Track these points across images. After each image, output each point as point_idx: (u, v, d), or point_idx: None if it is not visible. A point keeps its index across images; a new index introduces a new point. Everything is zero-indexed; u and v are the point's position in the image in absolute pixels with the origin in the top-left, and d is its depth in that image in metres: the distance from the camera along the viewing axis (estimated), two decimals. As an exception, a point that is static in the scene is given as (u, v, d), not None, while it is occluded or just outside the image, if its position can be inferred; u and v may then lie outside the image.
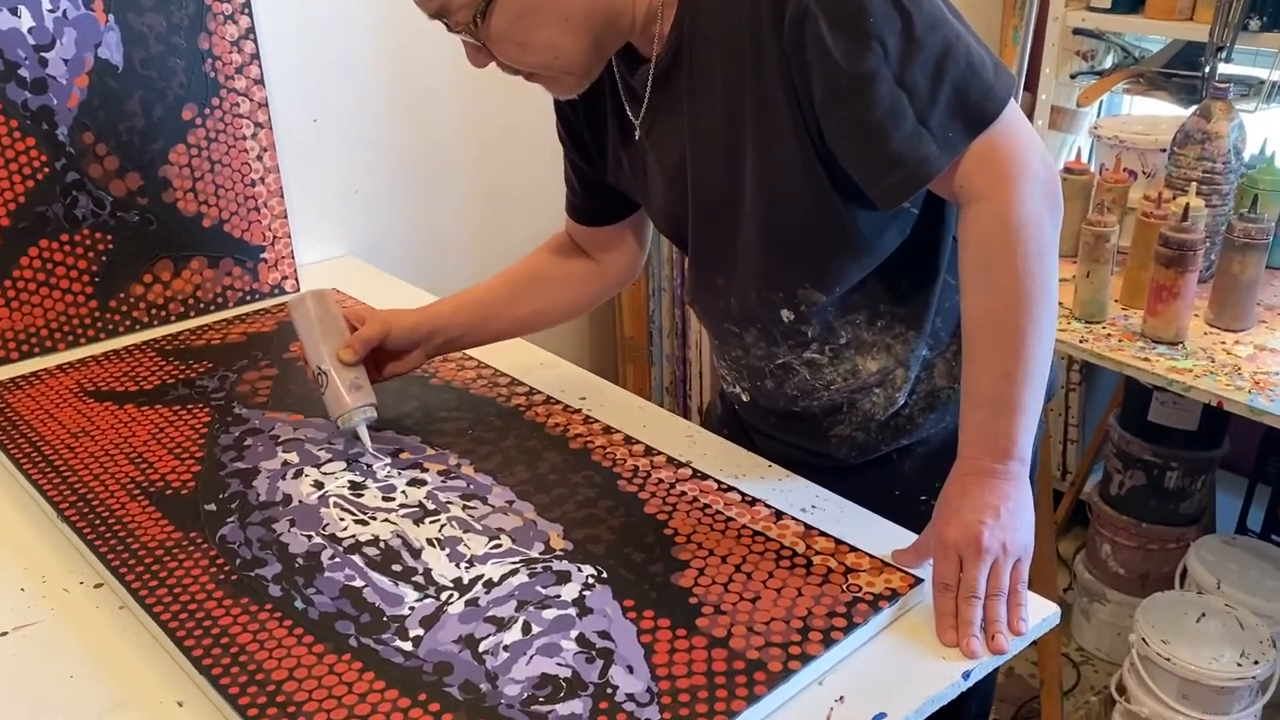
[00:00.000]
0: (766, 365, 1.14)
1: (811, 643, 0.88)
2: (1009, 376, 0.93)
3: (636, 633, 0.90)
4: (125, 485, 1.12)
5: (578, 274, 1.30)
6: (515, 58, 0.99)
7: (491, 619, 0.92)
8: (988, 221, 0.92)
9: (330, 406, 1.16)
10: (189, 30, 1.49)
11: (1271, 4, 1.80)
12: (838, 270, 1.04)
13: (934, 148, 0.90)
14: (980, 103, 0.90)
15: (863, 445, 1.16)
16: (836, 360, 1.10)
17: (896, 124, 0.90)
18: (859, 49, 0.88)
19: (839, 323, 1.09)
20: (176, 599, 0.95)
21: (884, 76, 0.88)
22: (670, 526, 1.04)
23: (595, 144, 1.17)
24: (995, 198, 0.91)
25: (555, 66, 1.00)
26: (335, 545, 1.02)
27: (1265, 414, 1.40)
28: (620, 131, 1.12)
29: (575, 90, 1.04)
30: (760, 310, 1.09)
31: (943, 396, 1.13)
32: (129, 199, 1.49)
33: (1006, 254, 0.91)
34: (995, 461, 0.94)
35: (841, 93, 0.90)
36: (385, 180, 1.87)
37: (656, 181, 1.11)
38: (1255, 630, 1.71)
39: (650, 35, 1.01)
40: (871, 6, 0.87)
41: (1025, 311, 0.92)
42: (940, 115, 0.90)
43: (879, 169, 0.92)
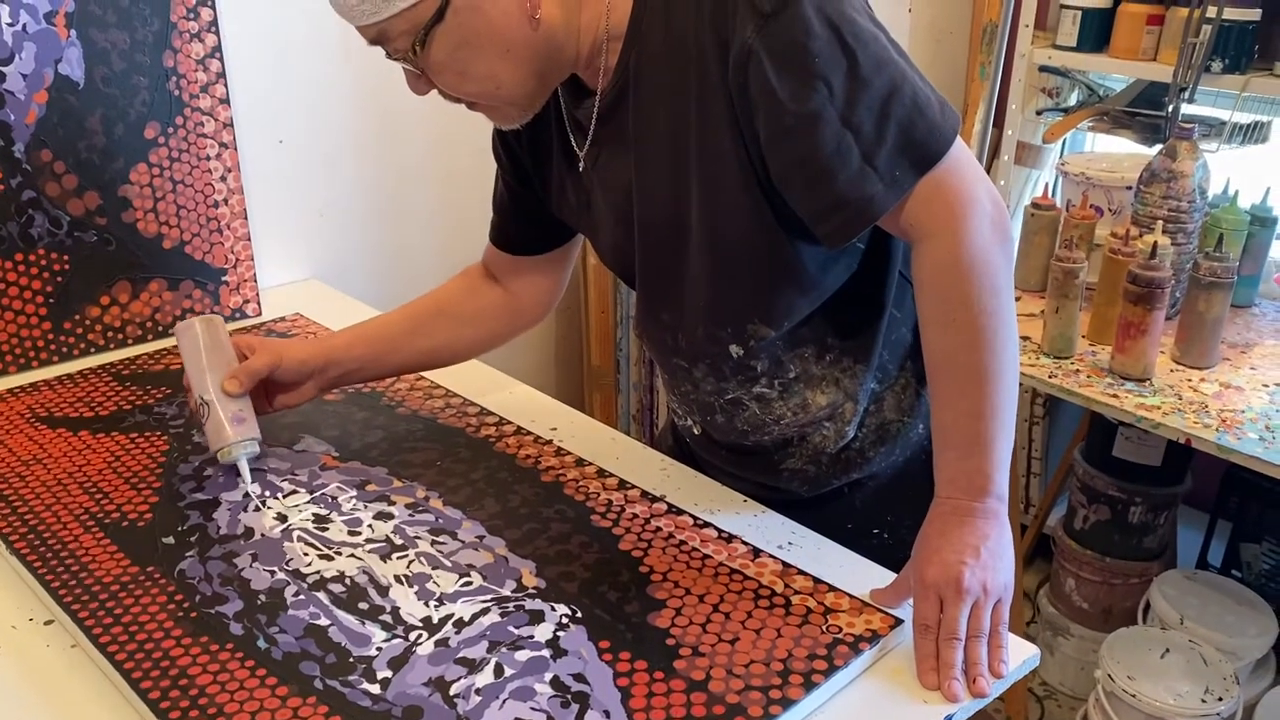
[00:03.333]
0: (716, 400, 1.12)
1: (792, 686, 0.86)
2: (977, 414, 0.92)
3: (613, 675, 0.87)
4: (79, 516, 1.08)
5: (488, 309, 1.26)
6: (455, 86, 0.96)
7: (462, 660, 0.89)
8: (940, 259, 0.91)
9: (211, 438, 1.13)
10: (153, 47, 1.46)
11: (1233, 46, 1.84)
12: (786, 306, 1.03)
13: (880, 187, 0.89)
14: (926, 141, 0.89)
15: (814, 479, 1.15)
16: (786, 394, 1.09)
17: (843, 164, 0.89)
18: (804, 89, 0.87)
19: (787, 357, 1.08)
20: (132, 638, 0.91)
21: (829, 117, 0.87)
22: (646, 564, 1.01)
23: (537, 171, 1.14)
24: (945, 235, 0.91)
25: (497, 97, 0.97)
26: (299, 581, 0.99)
27: (1233, 452, 1.41)
28: (566, 161, 1.10)
29: (518, 121, 1.02)
30: (708, 345, 1.08)
31: (893, 430, 1.13)
32: (87, 218, 1.45)
33: (961, 291, 0.91)
34: (973, 500, 0.93)
35: (787, 133, 0.89)
36: (350, 203, 1.84)
37: (602, 215, 1.09)
38: (1219, 667, 1.71)
39: (595, 68, 0.99)
40: (816, 47, 0.86)
41: (986, 347, 0.91)
42: (886, 154, 0.89)
43: (825, 208, 0.91)
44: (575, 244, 1.25)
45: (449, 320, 1.24)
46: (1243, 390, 1.55)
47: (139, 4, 1.43)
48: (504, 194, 1.20)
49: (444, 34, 0.91)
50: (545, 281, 1.25)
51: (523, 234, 1.22)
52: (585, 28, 0.96)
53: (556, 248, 1.23)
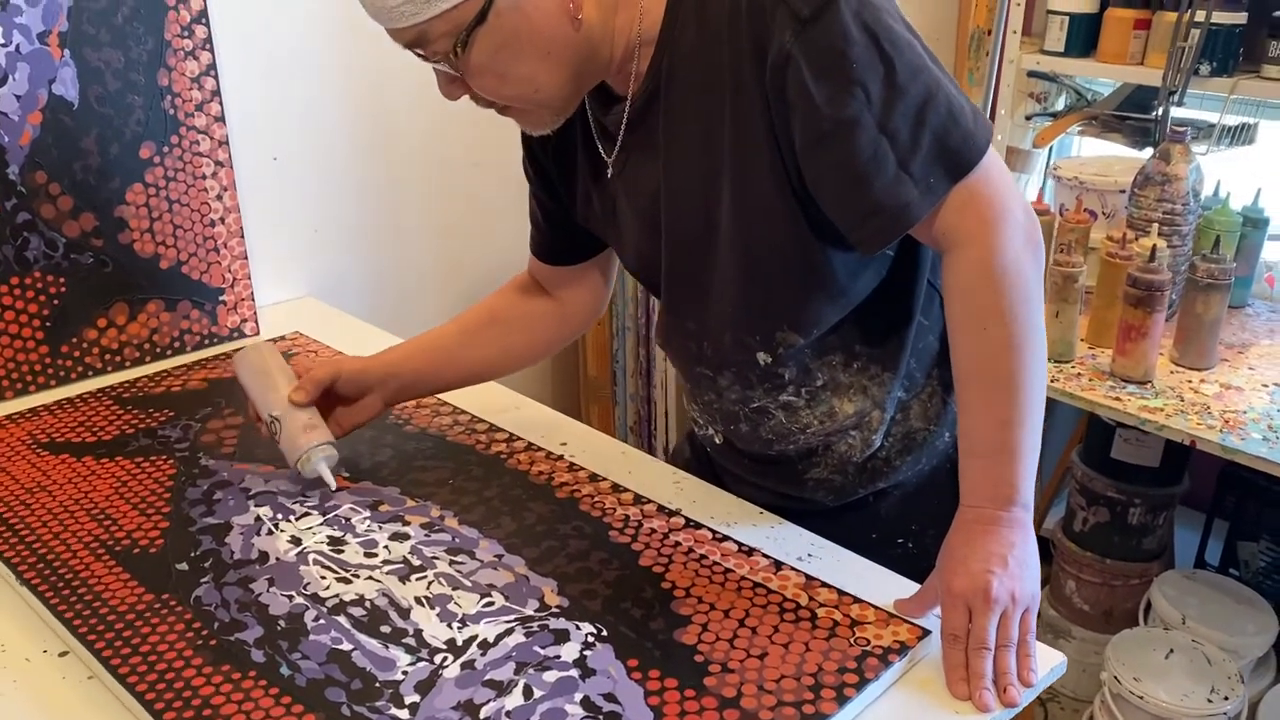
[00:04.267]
0: (741, 409, 1.11)
1: (825, 700, 0.86)
2: (1005, 422, 0.92)
3: (644, 694, 0.86)
4: (88, 544, 1.06)
5: (539, 315, 1.26)
6: (493, 90, 0.95)
7: (490, 683, 0.88)
8: (972, 268, 0.91)
9: (287, 453, 1.14)
10: (148, 66, 1.44)
11: (1220, 50, 1.85)
12: (815, 313, 1.03)
13: (915, 194, 0.89)
14: (961, 149, 0.90)
15: (839, 488, 1.14)
16: (813, 403, 1.09)
17: (879, 170, 0.89)
18: (841, 95, 0.87)
19: (815, 365, 1.07)
20: (152, 667, 0.89)
21: (866, 123, 0.88)
22: (668, 579, 1.01)
23: (563, 180, 1.14)
24: (978, 244, 0.91)
25: (533, 100, 0.96)
26: (318, 605, 0.97)
27: (1238, 453, 1.42)
28: (591, 170, 1.09)
29: (550, 125, 1.01)
30: (735, 353, 1.07)
31: (919, 438, 1.12)
32: (83, 240, 1.43)
33: (992, 300, 0.91)
34: (998, 509, 0.93)
35: (823, 138, 0.89)
36: (345, 219, 1.83)
37: (628, 222, 1.09)
38: (1223, 666, 1.72)
39: (626, 73, 0.99)
40: (854, 53, 0.86)
41: (1015, 356, 0.91)
42: (921, 161, 0.89)
43: (860, 214, 0.92)
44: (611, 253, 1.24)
45: (501, 329, 1.25)
46: (1243, 390, 1.56)
47: (133, 22, 1.42)
48: (535, 208, 1.21)
49: (486, 35, 0.90)
50: (589, 287, 1.25)
51: (559, 244, 1.21)
52: (619, 31, 0.96)
53: (593, 256, 1.22)
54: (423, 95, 1.86)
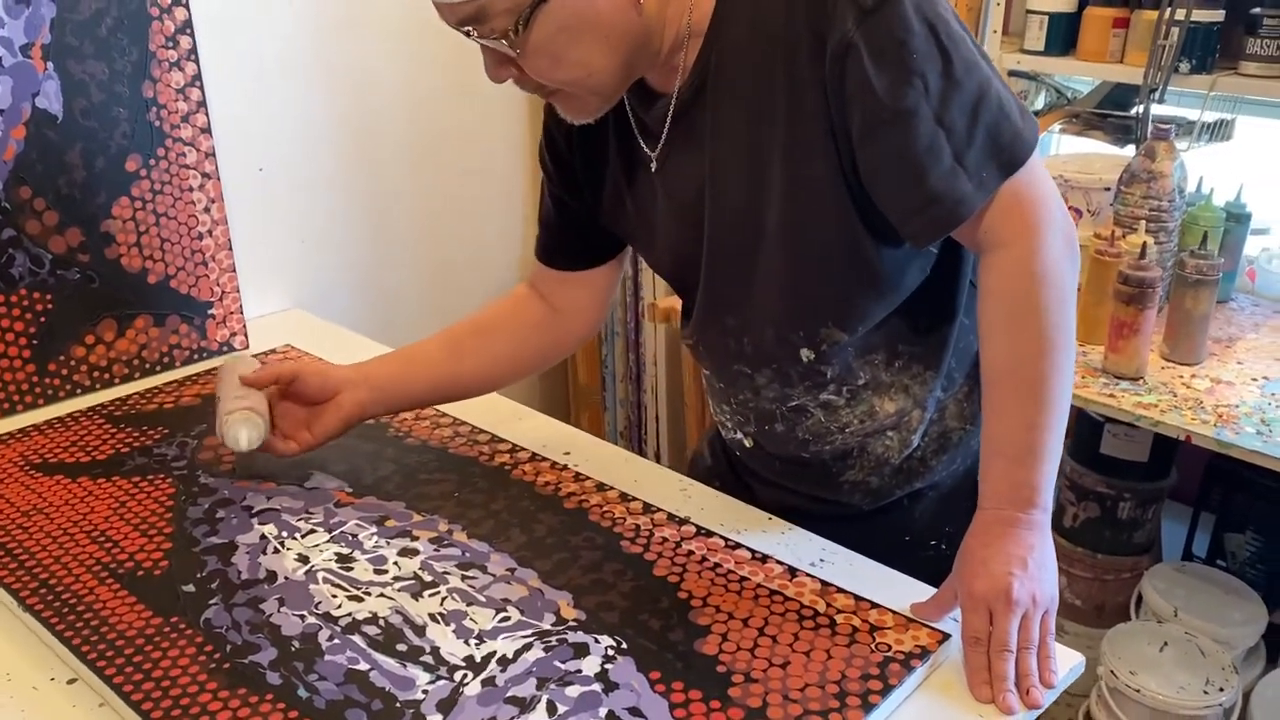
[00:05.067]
0: (779, 408, 1.10)
1: (851, 708, 0.85)
2: (1032, 425, 0.92)
3: (669, 707, 0.86)
4: (90, 568, 1.04)
5: (530, 325, 1.21)
6: (546, 72, 0.92)
7: (513, 700, 0.87)
8: (1012, 270, 0.92)
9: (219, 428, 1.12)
10: (132, 78, 1.42)
11: (1199, 47, 1.87)
12: (861, 309, 1.02)
13: (969, 187, 0.90)
14: (1012, 146, 0.91)
15: (876, 490, 1.13)
16: (854, 401, 1.08)
17: (935, 161, 0.89)
18: (901, 84, 0.87)
19: (858, 363, 1.06)
20: (166, 693, 0.87)
21: (924, 114, 0.88)
22: (684, 589, 1.00)
23: (589, 179, 1.12)
24: (1020, 245, 0.91)
25: (585, 85, 0.94)
26: (332, 625, 0.96)
27: (1233, 447, 1.43)
28: (626, 166, 1.07)
29: (595, 113, 0.98)
30: (777, 350, 1.06)
31: (954, 438, 1.12)
32: (69, 256, 1.40)
33: (1031, 303, 0.91)
34: (1019, 511, 0.93)
35: (882, 127, 0.89)
36: (332, 230, 1.81)
37: (665, 218, 1.07)
38: (1216, 657, 1.74)
39: (670, 67, 0.98)
40: (914, 43, 0.87)
41: (1049, 360, 0.92)
42: (975, 155, 0.89)
43: (915, 205, 0.91)
44: (622, 258, 1.22)
45: (487, 339, 1.20)
46: (1234, 385, 1.58)
47: (117, 34, 1.39)
48: (550, 208, 1.17)
49: (548, 15, 0.88)
50: (592, 297, 1.21)
51: (570, 248, 1.19)
52: (670, 22, 0.95)
53: (605, 262, 1.19)
54: (410, 104, 1.85)
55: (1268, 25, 1.80)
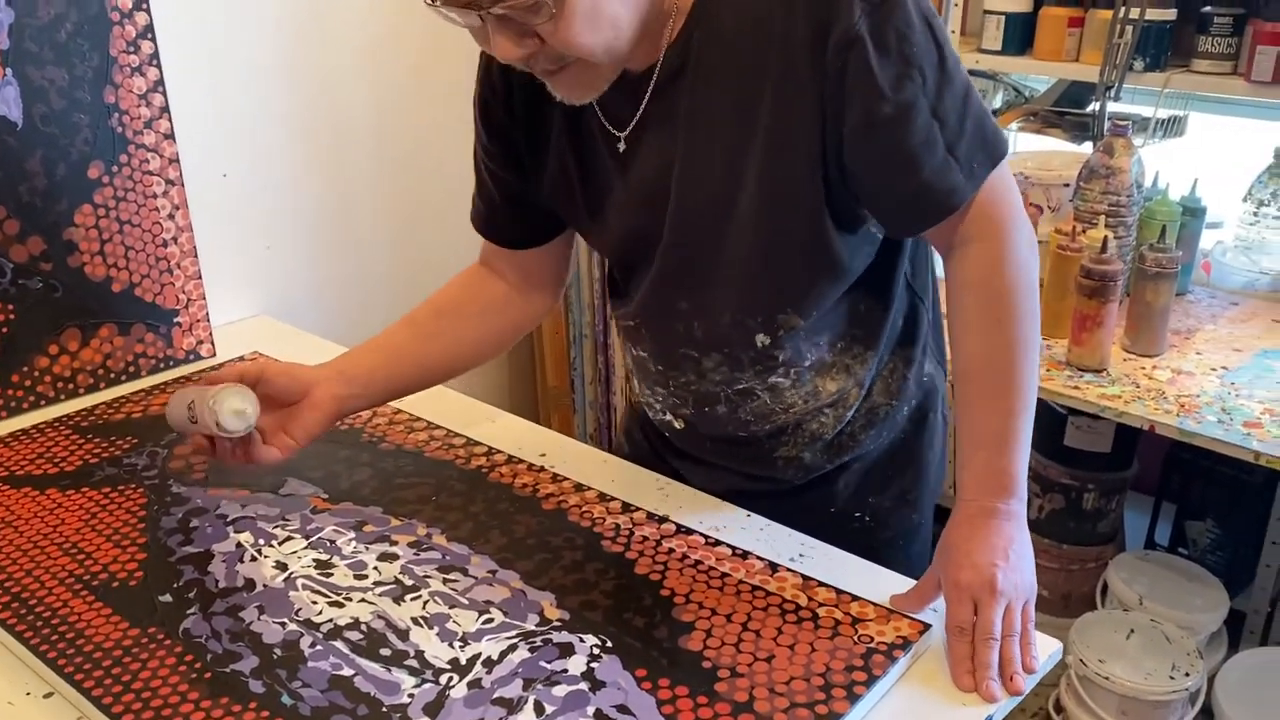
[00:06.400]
0: (724, 390, 1.10)
1: (836, 700, 0.86)
2: (1009, 414, 0.95)
3: (656, 704, 0.86)
4: (64, 580, 1.02)
5: (494, 302, 1.18)
6: (580, 36, 0.86)
7: (500, 701, 0.87)
8: (987, 264, 0.94)
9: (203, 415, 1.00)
10: (93, 83, 1.40)
11: (1153, 45, 1.91)
12: (818, 295, 1.03)
13: (960, 178, 0.92)
14: (995, 140, 0.93)
15: (808, 465, 1.15)
16: (798, 383, 1.09)
17: (930, 153, 0.91)
18: (902, 78, 0.89)
19: (806, 346, 1.07)
20: (146, 704, 0.86)
21: (921, 106, 0.89)
22: (666, 586, 1.00)
23: (532, 157, 1.09)
24: (995, 240, 0.93)
25: (610, 50, 0.89)
26: (313, 632, 0.95)
27: (1196, 435, 1.46)
28: (578, 144, 1.05)
29: (601, 89, 0.94)
30: (732, 334, 1.06)
31: (881, 413, 1.14)
32: (31, 265, 1.38)
33: (1006, 297, 0.94)
34: (998, 501, 0.95)
35: (882, 120, 0.90)
36: (297, 235, 1.79)
37: (622, 198, 1.05)
38: (1181, 643, 1.77)
39: (652, 42, 0.95)
40: (915, 37, 0.89)
41: (1022, 350, 0.94)
42: (965, 148, 0.91)
43: (907, 196, 0.93)
44: (571, 233, 1.19)
45: (452, 319, 1.17)
46: (1194, 375, 1.61)
47: (77, 39, 1.37)
48: (491, 188, 1.14)
49: None
50: (545, 269, 1.19)
51: (519, 226, 1.15)
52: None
53: (554, 237, 1.16)
54: (375, 108, 1.84)
55: (1217, 24, 1.84)
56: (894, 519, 1.19)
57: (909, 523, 1.21)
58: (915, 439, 1.18)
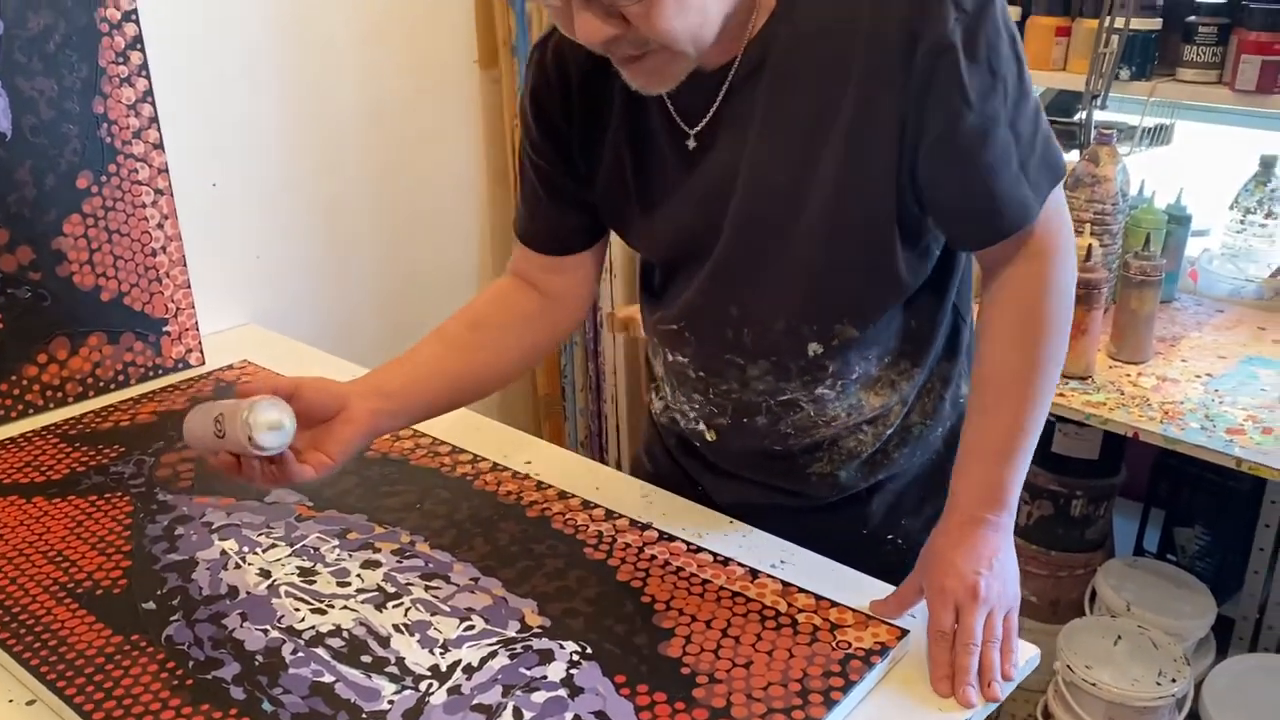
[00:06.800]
0: (767, 400, 1.08)
1: (813, 705, 0.87)
2: (1018, 430, 0.96)
3: (634, 710, 0.87)
4: (48, 588, 1.03)
5: (527, 316, 1.14)
6: (667, 20, 0.84)
7: (479, 707, 0.87)
8: (1031, 285, 0.95)
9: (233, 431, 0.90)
10: (82, 94, 1.41)
11: (1138, 55, 1.92)
12: (877, 306, 1.02)
13: (1030, 194, 0.91)
14: (1058, 159, 0.93)
15: (843, 483, 1.13)
16: (843, 395, 1.07)
17: (1005, 167, 0.90)
18: (989, 89, 0.88)
19: (856, 358, 1.05)
20: (128, 711, 0.87)
21: (1003, 120, 0.89)
22: (647, 593, 1.01)
23: (587, 152, 1.06)
24: (1042, 262, 0.94)
25: (696, 37, 0.87)
26: (295, 639, 0.96)
27: (1179, 442, 1.47)
28: (638, 141, 1.02)
29: (679, 78, 0.91)
30: (784, 342, 1.04)
31: (915, 432, 1.13)
32: (20, 274, 1.39)
33: (1042, 317, 0.94)
34: (989, 513, 0.96)
35: (966, 130, 0.89)
36: (286, 244, 1.80)
37: (683, 198, 1.02)
38: (1168, 649, 1.77)
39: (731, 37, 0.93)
40: (1002, 49, 0.88)
41: (1045, 372, 0.95)
42: (1035, 165, 0.91)
43: (979, 209, 0.92)
44: (606, 240, 1.16)
45: (486, 333, 1.11)
46: (1178, 382, 1.62)
47: (66, 50, 1.38)
48: (539, 187, 1.10)
49: None
50: (581, 278, 1.15)
51: (562, 228, 1.12)
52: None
53: (594, 243, 1.14)
54: (364, 118, 1.85)
55: (1202, 33, 1.86)
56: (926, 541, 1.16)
57: None
58: (949, 461, 1.11)
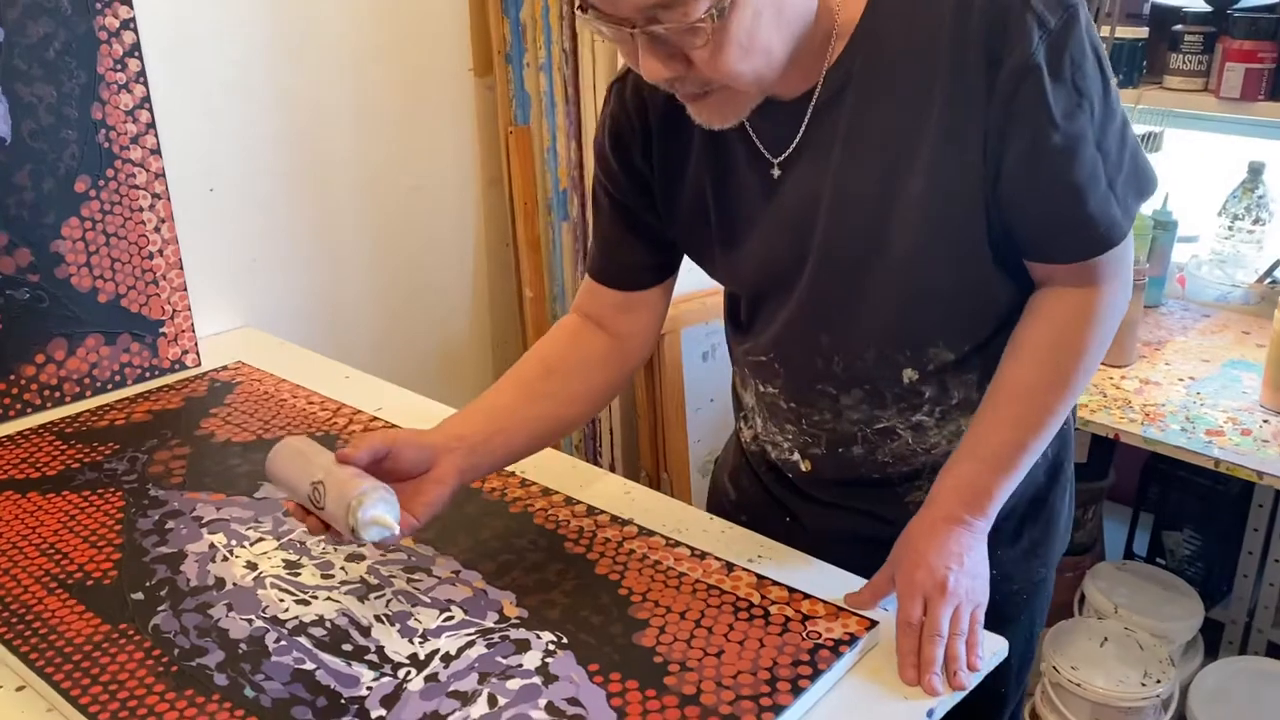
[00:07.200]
0: (862, 430, 1.07)
1: (781, 693, 0.89)
2: (1019, 444, 0.97)
3: (606, 696, 0.89)
4: (39, 579, 1.05)
5: (597, 358, 1.12)
6: (732, 63, 0.84)
7: (455, 694, 0.90)
8: (1078, 311, 0.95)
9: (336, 513, 0.91)
10: (81, 100, 1.44)
11: (1125, 63, 1.95)
12: (972, 329, 1.01)
13: (1119, 213, 0.92)
14: (1147, 175, 0.93)
15: None
16: (943, 422, 1.06)
17: (1094, 186, 0.90)
18: (1074, 108, 0.87)
19: (954, 382, 1.04)
20: (114, 696, 0.89)
21: (1089, 138, 0.89)
22: (624, 586, 1.03)
23: (666, 187, 1.06)
24: (1096, 288, 0.95)
25: (761, 77, 0.87)
26: (279, 628, 0.98)
27: (1159, 443, 1.48)
28: (719, 172, 1.02)
29: (743, 115, 0.92)
30: (876, 370, 1.03)
31: None
32: (19, 276, 1.42)
33: (1081, 343, 0.95)
34: (970, 514, 0.98)
35: (1051, 149, 0.88)
36: (282, 249, 1.83)
37: (768, 227, 1.01)
38: (1154, 650, 1.79)
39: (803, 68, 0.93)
40: (1087, 67, 0.87)
41: (1064, 395, 0.97)
42: (1123, 183, 0.91)
43: (1069, 227, 0.92)
44: (675, 277, 1.15)
45: (560, 379, 1.11)
46: (1161, 385, 1.63)
47: (65, 57, 1.41)
48: (615, 223, 1.11)
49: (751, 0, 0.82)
50: (650, 317, 1.14)
51: (637, 265, 1.12)
52: (820, 16, 0.90)
53: (670, 276, 1.14)
54: (358, 126, 1.88)
55: (1188, 42, 1.88)
56: (1020, 572, 1.14)
57: (1036, 575, 1.17)
58: (1049, 490, 1.13)
